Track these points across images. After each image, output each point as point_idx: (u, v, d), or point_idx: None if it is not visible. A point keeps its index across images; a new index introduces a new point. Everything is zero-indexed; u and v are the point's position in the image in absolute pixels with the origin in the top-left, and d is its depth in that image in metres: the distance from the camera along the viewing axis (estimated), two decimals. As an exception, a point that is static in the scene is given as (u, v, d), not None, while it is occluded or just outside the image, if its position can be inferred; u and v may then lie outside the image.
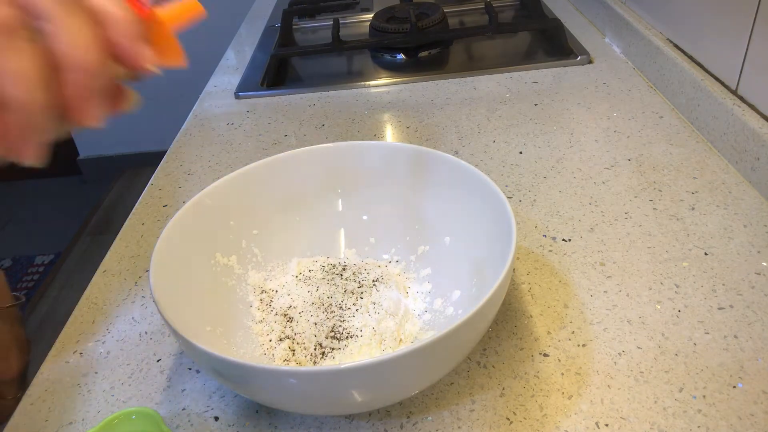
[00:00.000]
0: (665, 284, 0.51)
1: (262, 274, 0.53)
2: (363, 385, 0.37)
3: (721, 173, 0.64)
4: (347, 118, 0.82)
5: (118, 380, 0.48)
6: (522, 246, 0.57)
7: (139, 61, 0.25)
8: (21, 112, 0.22)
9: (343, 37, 0.99)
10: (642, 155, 0.68)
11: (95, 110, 0.24)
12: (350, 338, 0.47)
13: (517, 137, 0.74)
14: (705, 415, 0.41)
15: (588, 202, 0.62)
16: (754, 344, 0.45)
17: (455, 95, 0.85)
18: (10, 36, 0.21)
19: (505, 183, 0.66)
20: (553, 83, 0.86)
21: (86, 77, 0.23)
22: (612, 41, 0.96)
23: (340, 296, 0.50)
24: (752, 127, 0.61)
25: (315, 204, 0.56)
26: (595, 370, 0.45)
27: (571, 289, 0.52)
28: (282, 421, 0.44)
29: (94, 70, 0.23)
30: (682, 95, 0.75)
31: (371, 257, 0.56)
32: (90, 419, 0.45)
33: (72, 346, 0.52)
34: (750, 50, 0.63)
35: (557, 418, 0.42)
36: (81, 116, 0.24)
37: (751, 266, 0.52)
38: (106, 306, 0.56)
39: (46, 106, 0.22)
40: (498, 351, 0.47)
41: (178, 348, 0.51)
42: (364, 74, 0.96)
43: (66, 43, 0.23)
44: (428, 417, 0.43)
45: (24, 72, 0.21)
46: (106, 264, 0.61)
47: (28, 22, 0.22)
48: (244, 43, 1.13)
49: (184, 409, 0.45)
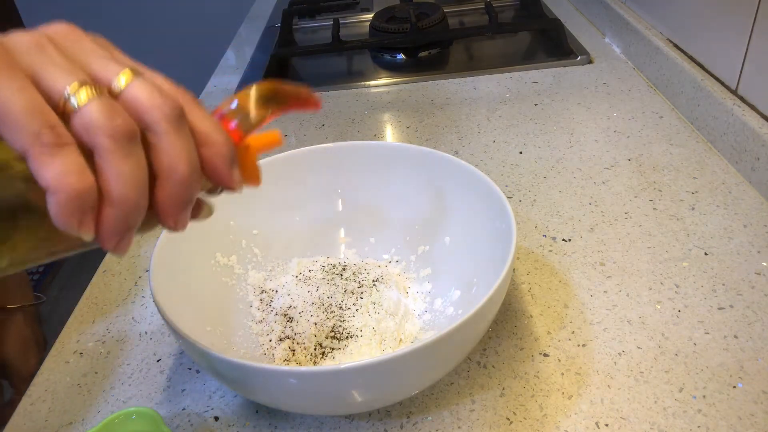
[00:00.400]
0: (665, 284, 0.51)
1: (262, 274, 0.53)
2: (363, 385, 0.37)
3: (721, 173, 0.64)
4: (347, 118, 0.82)
5: (118, 380, 0.48)
6: (522, 246, 0.57)
7: (230, 183, 0.28)
8: (119, 209, 0.24)
9: (343, 37, 0.99)
10: (642, 155, 0.68)
11: (181, 217, 0.27)
12: (350, 338, 0.47)
13: (517, 137, 0.74)
14: (705, 415, 0.41)
15: (588, 202, 0.62)
16: (754, 344, 0.45)
17: (455, 95, 0.85)
18: (130, 145, 0.24)
19: (505, 183, 0.66)
20: (553, 83, 0.86)
21: (180, 188, 0.26)
22: (612, 41, 0.96)
23: (340, 296, 0.50)
24: (752, 127, 0.61)
25: (315, 204, 0.56)
26: (595, 370, 0.45)
27: (571, 289, 0.52)
28: (282, 421, 0.44)
29: (189, 183, 0.26)
30: (682, 95, 0.75)
31: (371, 257, 0.56)
32: (90, 419, 0.45)
33: (72, 346, 0.52)
34: (750, 50, 0.63)
35: (557, 418, 0.42)
36: (167, 221, 0.27)
37: (751, 266, 0.52)
38: (106, 306, 0.56)
39: (143, 207, 0.25)
40: (498, 351, 0.47)
41: (178, 348, 0.51)
42: (364, 74, 0.96)
43: (169, 157, 0.25)
44: (428, 417, 0.43)
45: (129, 174, 0.24)
46: (106, 264, 0.61)
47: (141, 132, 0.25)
48: (244, 43, 1.13)
49: (184, 409, 0.45)
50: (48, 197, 0.23)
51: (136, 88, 0.25)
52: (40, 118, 0.23)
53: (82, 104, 0.24)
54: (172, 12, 2.08)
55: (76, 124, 0.24)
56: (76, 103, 0.24)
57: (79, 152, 0.23)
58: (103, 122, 0.24)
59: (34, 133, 0.22)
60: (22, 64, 0.24)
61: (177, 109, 0.26)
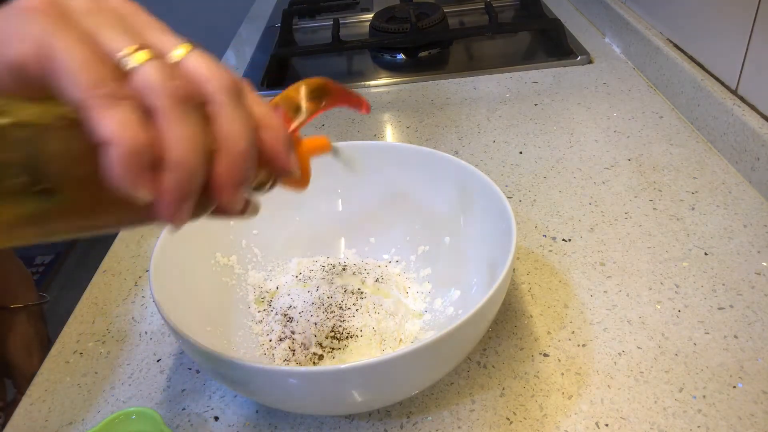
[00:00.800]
0: (665, 284, 0.51)
1: (262, 274, 0.53)
2: (363, 385, 0.37)
3: (721, 173, 0.64)
4: (347, 118, 0.82)
5: (118, 380, 0.48)
6: (522, 246, 0.57)
7: (286, 165, 0.28)
8: (179, 173, 0.23)
9: (343, 37, 0.99)
10: (642, 155, 0.68)
11: (237, 196, 0.26)
12: (350, 338, 0.47)
13: (517, 137, 0.74)
14: (705, 415, 0.41)
15: (588, 202, 0.62)
16: (754, 344, 0.45)
17: (455, 95, 0.85)
18: (185, 105, 0.23)
19: (505, 183, 0.66)
20: (553, 83, 0.86)
21: (239, 163, 0.25)
22: (612, 41, 0.96)
23: (340, 296, 0.50)
24: (752, 127, 0.61)
25: (315, 204, 0.56)
26: (595, 370, 0.45)
27: (571, 289, 0.52)
28: (282, 421, 0.44)
29: (245, 157, 0.25)
30: (682, 95, 0.75)
31: (371, 257, 0.56)
32: (90, 419, 0.45)
33: (72, 346, 0.52)
34: (750, 50, 0.63)
35: (557, 418, 0.42)
36: (223, 197, 0.25)
37: (751, 266, 0.52)
38: (106, 306, 0.56)
39: (201, 174, 0.24)
40: (498, 351, 0.47)
41: (178, 348, 0.51)
42: (364, 74, 0.96)
43: (229, 128, 0.25)
44: (428, 417, 0.43)
45: (190, 137, 0.23)
46: (106, 264, 0.61)
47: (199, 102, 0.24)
48: (244, 43, 1.13)
49: (184, 409, 0.45)
50: (106, 152, 0.22)
51: (195, 59, 0.25)
52: (98, 70, 0.22)
53: (141, 64, 0.23)
54: (172, 12, 2.08)
55: (136, 82, 0.23)
56: (135, 62, 0.23)
57: (136, 108, 0.22)
58: (162, 82, 0.23)
59: (92, 83, 0.21)
60: (81, 25, 0.23)
61: (236, 83, 0.25)
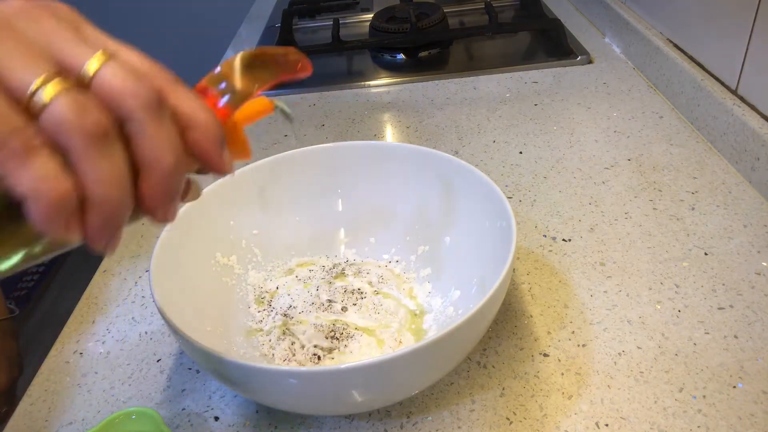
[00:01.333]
0: (665, 284, 0.51)
1: (262, 274, 0.53)
2: (363, 385, 0.37)
3: (721, 173, 0.64)
4: (347, 118, 0.82)
5: (118, 380, 0.48)
6: (522, 246, 0.57)
7: (219, 166, 0.26)
8: (103, 210, 0.23)
9: (343, 37, 0.99)
10: (642, 155, 0.68)
11: (170, 209, 0.25)
12: (350, 338, 0.47)
13: (517, 137, 0.74)
14: (705, 415, 0.41)
15: (588, 202, 0.62)
16: (754, 344, 0.45)
17: (455, 95, 0.85)
18: (104, 142, 0.22)
19: (505, 183, 0.66)
20: (553, 83, 0.86)
21: (165, 180, 0.24)
22: (612, 41, 0.96)
23: (340, 296, 0.50)
24: (752, 127, 0.61)
25: (315, 204, 0.56)
26: (595, 370, 0.45)
27: (571, 289, 0.52)
28: (282, 421, 0.44)
29: (173, 173, 0.24)
30: (682, 95, 0.75)
31: (371, 257, 0.56)
32: (90, 419, 0.45)
33: (72, 346, 0.52)
34: (750, 50, 0.63)
35: (557, 418, 0.42)
36: (155, 213, 0.25)
37: (751, 266, 0.52)
38: (106, 306, 0.56)
39: (127, 205, 0.24)
40: (498, 351, 0.47)
41: (178, 348, 0.51)
42: (364, 74, 0.96)
43: (151, 148, 0.24)
44: (428, 417, 0.43)
45: (112, 175, 0.23)
46: (106, 264, 0.61)
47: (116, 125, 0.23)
48: (244, 43, 1.13)
49: (184, 409, 0.45)
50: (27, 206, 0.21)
51: (108, 74, 0.23)
52: (4, 123, 0.21)
53: (50, 100, 0.21)
54: (172, 12, 2.08)
55: (45, 123, 0.22)
56: (44, 99, 0.22)
57: (52, 154, 0.22)
58: (73, 120, 0.22)
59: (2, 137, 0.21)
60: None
61: (155, 93, 0.24)
